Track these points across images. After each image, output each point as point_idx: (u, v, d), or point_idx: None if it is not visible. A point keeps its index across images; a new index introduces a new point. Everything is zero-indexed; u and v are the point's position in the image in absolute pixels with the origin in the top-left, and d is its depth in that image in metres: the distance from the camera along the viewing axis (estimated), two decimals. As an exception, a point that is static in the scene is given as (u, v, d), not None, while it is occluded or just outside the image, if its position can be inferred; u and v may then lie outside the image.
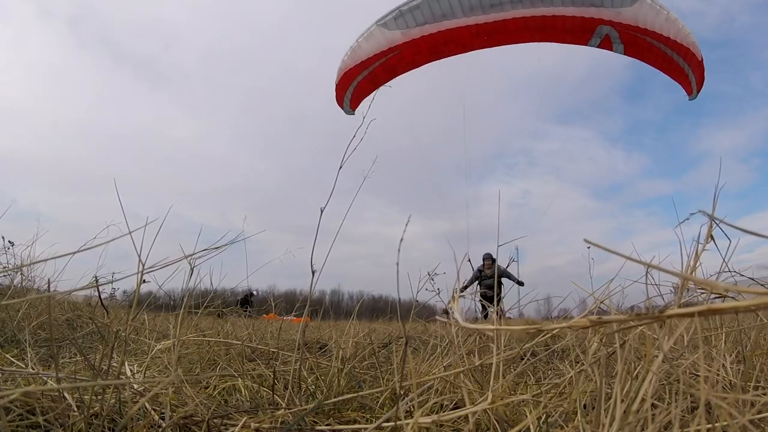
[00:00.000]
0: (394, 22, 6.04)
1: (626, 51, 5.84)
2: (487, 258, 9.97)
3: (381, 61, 6.38)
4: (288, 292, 19.89)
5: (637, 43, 5.63)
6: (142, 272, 1.04)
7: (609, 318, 0.55)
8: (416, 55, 6.36)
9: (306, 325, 1.37)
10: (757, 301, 0.41)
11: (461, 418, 0.99)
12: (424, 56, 6.41)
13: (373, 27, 6.19)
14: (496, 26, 5.85)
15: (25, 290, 3.08)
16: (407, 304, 1.72)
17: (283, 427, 0.98)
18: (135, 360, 1.62)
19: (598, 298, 1.18)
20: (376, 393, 1.27)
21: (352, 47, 6.46)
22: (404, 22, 5.98)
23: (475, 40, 6.05)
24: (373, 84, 6.67)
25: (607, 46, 5.83)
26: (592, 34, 5.76)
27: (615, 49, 5.84)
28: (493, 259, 9.73)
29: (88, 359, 1.21)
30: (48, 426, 0.87)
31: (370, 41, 6.25)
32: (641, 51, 5.76)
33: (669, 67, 5.89)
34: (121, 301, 3.10)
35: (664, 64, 5.87)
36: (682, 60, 5.67)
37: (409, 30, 6.02)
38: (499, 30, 5.92)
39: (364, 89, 6.81)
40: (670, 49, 5.56)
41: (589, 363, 0.94)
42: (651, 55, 5.77)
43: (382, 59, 6.34)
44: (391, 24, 6.07)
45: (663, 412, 0.69)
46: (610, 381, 0.86)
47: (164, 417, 0.96)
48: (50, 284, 2.28)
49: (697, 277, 0.91)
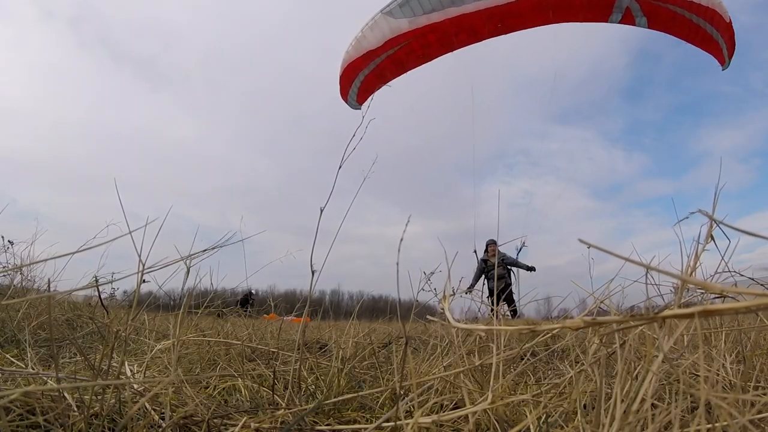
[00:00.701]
0: (399, 9, 5.67)
1: (650, 24, 5.48)
2: (490, 243, 8.82)
3: (388, 53, 5.98)
4: (288, 292, 19.88)
5: (660, 13, 5.30)
6: (142, 272, 1.04)
7: (604, 319, 0.55)
8: (426, 48, 5.93)
9: (306, 325, 1.37)
10: (755, 302, 0.41)
11: (461, 418, 0.99)
12: (435, 48, 5.98)
13: (377, 16, 5.84)
14: (508, 9, 5.47)
15: (25, 290, 3.08)
16: (407, 304, 1.72)
17: (283, 427, 0.98)
18: (135, 360, 1.62)
19: (597, 298, 1.18)
20: (376, 393, 1.27)
21: (356, 37, 6.10)
22: (410, 10, 5.62)
23: (486, 27, 5.67)
24: (381, 78, 6.30)
25: (629, 21, 5.46)
26: (611, 9, 5.39)
27: (638, 23, 5.46)
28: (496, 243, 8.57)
29: (88, 359, 1.21)
30: (48, 426, 0.87)
31: (375, 31, 5.88)
32: (665, 22, 5.41)
33: (696, 36, 5.50)
34: (121, 301, 3.10)
35: (691, 34, 5.50)
36: (710, 26, 5.28)
37: (416, 18, 5.63)
38: (512, 13, 5.53)
39: (372, 83, 6.45)
40: (695, 15, 5.19)
41: (589, 363, 0.94)
42: (676, 25, 5.40)
43: (389, 51, 5.95)
44: (396, 12, 5.70)
45: (663, 412, 0.69)
46: (610, 381, 0.86)
47: (164, 417, 0.96)
48: (50, 284, 2.28)
49: (694, 278, 0.91)
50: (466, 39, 5.90)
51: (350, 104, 6.95)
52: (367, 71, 6.31)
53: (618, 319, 0.54)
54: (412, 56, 6.07)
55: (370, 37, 5.95)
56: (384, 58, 6.06)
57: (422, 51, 6.01)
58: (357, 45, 6.13)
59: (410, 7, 5.62)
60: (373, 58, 6.09)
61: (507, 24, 5.75)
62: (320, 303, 6.00)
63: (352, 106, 6.95)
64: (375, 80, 6.39)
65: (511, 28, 5.85)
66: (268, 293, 5.53)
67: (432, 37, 5.80)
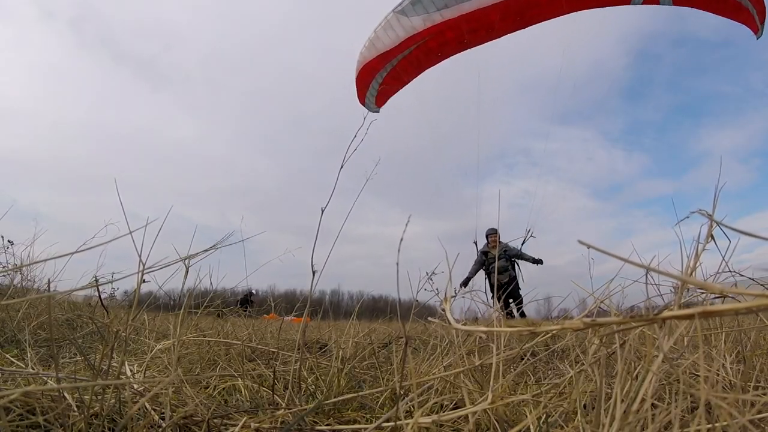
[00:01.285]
0: (412, 8, 5.46)
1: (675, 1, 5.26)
2: (491, 233, 7.95)
3: (404, 54, 5.73)
4: (288, 292, 19.89)
5: (685, -13, 5.01)
6: (142, 272, 1.04)
7: (604, 320, 0.55)
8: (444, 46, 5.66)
9: (306, 325, 1.37)
10: (755, 303, 0.41)
11: (461, 418, 0.99)
12: (453, 46, 5.71)
13: (390, 15, 5.64)
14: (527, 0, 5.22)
15: (25, 290, 3.08)
16: (407, 304, 1.72)
17: (283, 427, 0.98)
18: (135, 360, 1.62)
19: (598, 298, 1.18)
20: (376, 393, 1.27)
21: (370, 38, 5.87)
22: (423, 7, 5.40)
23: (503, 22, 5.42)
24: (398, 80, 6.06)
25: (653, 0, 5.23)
26: (634, -11, 5.11)
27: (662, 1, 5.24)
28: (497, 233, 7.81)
29: (88, 359, 1.21)
30: (48, 426, 0.87)
31: (389, 31, 5.66)
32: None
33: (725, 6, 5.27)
34: (121, 301, 3.10)
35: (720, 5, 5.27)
36: (737, -7, 5.01)
37: (429, 15, 5.39)
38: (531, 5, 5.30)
39: (390, 86, 6.21)
40: (721, -18, 4.89)
41: (589, 363, 0.94)
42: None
43: (405, 51, 5.70)
44: (409, 10, 5.49)
45: (663, 412, 0.69)
46: (610, 381, 0.86)
47: (164, 417, 0.96)
48: (50, 284, 2.27)
49: (694, 278, 0.91)
50: (486, 35, 5.66)
51: (368, 107, 6.67)
52: (384, 73, 6.09)
53: (617, 321, 0.54)
54: (430, 55, 5.85)
55: (383, 37, 5.75)
56: (401, 59, 5.84)
57: (440, 50, 5.78)
58: (371, 46, 5.94)
59: (422, 4, 5.41)
60: (390, 59, 5.88)
61: (526, 17, 5.52)
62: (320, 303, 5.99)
63: (371, 110, 6.66)
64: (393, 82, 6.18)
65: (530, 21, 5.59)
66: (268, 293, 5.52)
67: (450, 35, 5.56)
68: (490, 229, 7.98)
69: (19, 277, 3.12)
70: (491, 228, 7.95)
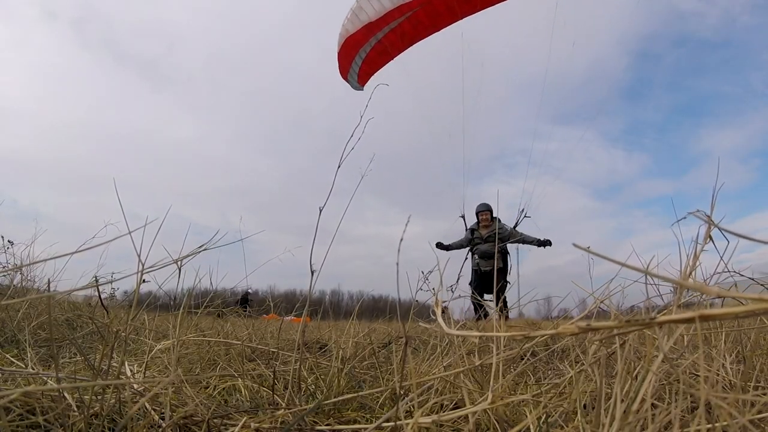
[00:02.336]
0: None
1: None
2: (483, 211, 6.36)
3: (391, 26, 5.13)
4: (288, 292, 19.86)
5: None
6: (142, 272, 1.04)
7: (599, 324, 0.54)
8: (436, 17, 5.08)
9: (306, 325, 1.37)
10: (752, 307, 0.40)
11: (461, 418, 0.99)
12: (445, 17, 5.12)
13: None
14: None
15: (25, 290, 3.08)
16: (407, 304, 1.72)
17: (283, 427, 0.98)
18: (135, 360, 1.62)
19: (597, 298, 1.18)
20: (376, 393, 1.27)
21: (352, 9, 5.27)
22: None
23: None
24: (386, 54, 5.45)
25: None
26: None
27: None
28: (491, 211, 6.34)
29: (88, 359, 1.21)
30: (48, 426, 0.87)
31: (373, 1, 5.06)
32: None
33: None
34: (121, 301, 3.10)
35: None
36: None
37: None
38: None
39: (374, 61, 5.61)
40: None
41: (589, 363, 0.94)
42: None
43: (392, 23, 5.11)
44: None
45: (663, 412, 0.69)
46: (610, 381, 0.86)
47: (164, 417, 0.96)
48: (50, 284, 2.27)
49: (690, 282, 0.91)
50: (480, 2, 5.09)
51: (351, 84, 6.13)
52: (368, 47, 5.48)
53: (613, 325, 0.53)
54: (419, 27, 5.25)
55: (368, 8, 5.10)
56: (387, 32, 5.24)
57: (431, 21, 5.20)
58: (354, 18, 5.30)
59: None
60: (375, 32, 5.27)
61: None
62: (320, 303, 5.98)
63: (354, 87, 6.13)
64: (378, 57, 5.58)
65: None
66: (267, 293, 5.51)
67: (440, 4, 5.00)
68: (482, 204, 6.47)
69: (19, 277, 3.12)
70: (482, 203, 6.46)
